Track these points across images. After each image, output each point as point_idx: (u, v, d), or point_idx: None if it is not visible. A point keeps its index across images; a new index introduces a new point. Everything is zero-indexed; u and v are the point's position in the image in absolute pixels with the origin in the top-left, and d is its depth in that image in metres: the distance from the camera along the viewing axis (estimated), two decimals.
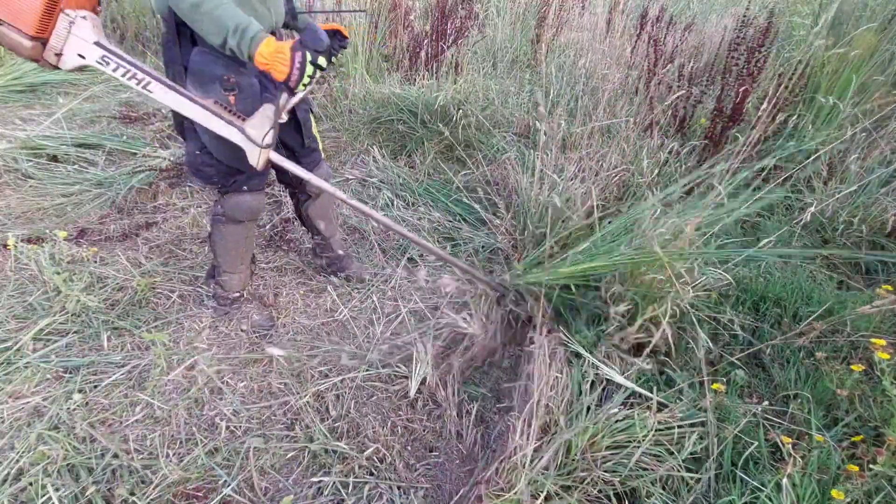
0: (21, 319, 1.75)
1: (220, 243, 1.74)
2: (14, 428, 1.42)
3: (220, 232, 1.71)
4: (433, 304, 2.01)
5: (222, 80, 1.41)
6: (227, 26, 1.23)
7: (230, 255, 1.77)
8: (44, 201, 2.40)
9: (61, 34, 1.26)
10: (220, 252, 1.76)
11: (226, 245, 1.74)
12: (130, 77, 1.31)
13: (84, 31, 1.27)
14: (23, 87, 3.56)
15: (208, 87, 1.41)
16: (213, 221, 1.71)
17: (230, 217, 1.67)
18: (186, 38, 1.37)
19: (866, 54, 2.59)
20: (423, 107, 3.05)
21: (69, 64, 1.30)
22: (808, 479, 1.21)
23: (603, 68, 3.24)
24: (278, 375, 1.67)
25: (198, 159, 1.55)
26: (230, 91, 1.43)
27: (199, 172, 1.58)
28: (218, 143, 1.46)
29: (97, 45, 1.29)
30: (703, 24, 4.39)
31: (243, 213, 1.67)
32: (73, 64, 1.30)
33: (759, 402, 1.46)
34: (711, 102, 2.72)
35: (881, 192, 2.25)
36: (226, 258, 1.77)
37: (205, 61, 1.39)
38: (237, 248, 1.76)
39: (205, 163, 1.55)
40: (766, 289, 1.86)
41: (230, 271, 1.80)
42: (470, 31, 3.62)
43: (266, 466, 1.40)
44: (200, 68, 1.39)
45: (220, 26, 1.23)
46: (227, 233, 1.71)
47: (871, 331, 1.66)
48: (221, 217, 1.68)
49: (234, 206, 1.65)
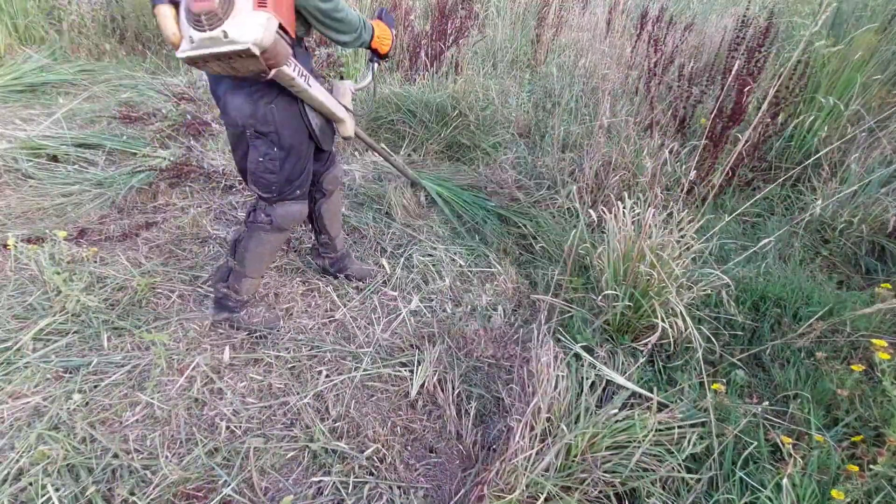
0: (21, 319, 1.75)
1: (256, 250, 1.71)
2: (14, 428, 1.42)
3: (261, 239, 1.69)
4: (432, 306, 2.01)
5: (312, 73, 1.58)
6: (359, 24, 1.54)
7: (262, 261, 1.75)
8: (44, 201, 2.40)
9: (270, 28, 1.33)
10: (252, 258, 1.72)
11: (261, 252, 1.72)
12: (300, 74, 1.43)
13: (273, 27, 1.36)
14: (23, 87, 3.56)
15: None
16: (255, 228, 1.68)
17: (277, 226, 1.67)
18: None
19: (867, 54, 2.59)
20: (423, 106, 3.05)
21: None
22: (808, 479, 1.21)
23: (603, 68, 3.24)
24: (278, 376, 1.67)
25: (260, 167, 1.57)
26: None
27: (261, 180, 1.60)
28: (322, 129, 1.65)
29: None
30: (703, 24, 4.39)
31: (291, 221, 1.69)
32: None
33: (759, 402, 1.46)
34: (711, 102, 2.72)
35: (881, 191, 2.25)
36: (256, 264, 1.75)
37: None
38: (272, 255, 1.77)
39: (267, 170, 1.57)
40: (766, 289, 1.86)
41: (253, 276, 1.77)
42: (470, 31, 3.63)
43: (266, 466, 1.40)
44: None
45: (354, 26, 1.53)
46: (267, 240, 1.70)
47: (871, 331, 1.66)
48: (267, 225, 1.67)
49: (285, 215, 1.66)
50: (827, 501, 1.17)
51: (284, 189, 1.63)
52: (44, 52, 3.98)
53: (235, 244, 1.75)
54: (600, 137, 2.45)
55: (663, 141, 2.48)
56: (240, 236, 1.74)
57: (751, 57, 2.41)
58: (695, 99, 2.65)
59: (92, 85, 3.68)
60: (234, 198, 2.53)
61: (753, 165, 2.63)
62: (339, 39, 1.53)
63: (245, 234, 1.71)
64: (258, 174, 1.59)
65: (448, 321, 1.92)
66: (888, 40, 2.67)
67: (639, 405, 1.46)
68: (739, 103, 2.38)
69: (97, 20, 4.24)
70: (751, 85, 2.35)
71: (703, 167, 2.50)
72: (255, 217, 1.68)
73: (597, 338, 1.72)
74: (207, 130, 2.99)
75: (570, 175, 2.56)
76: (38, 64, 3.79)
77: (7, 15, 3.98)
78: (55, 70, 3.80)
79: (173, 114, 3.12)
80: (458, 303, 2.04)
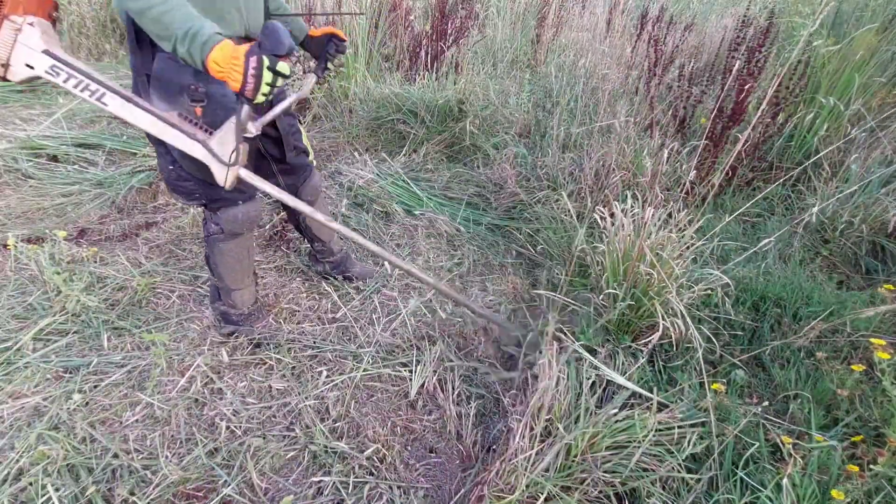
0: (21, 319, 1.75)
1: (223, 262, 1.60)
2: (14, 428, 1.42)
3: (220, 250, 1.57)
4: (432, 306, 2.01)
5: (189, 90, 1.27)
6: (176, 32, 1.09)
7: (235, 271, 1.63)
8: (44, 201, 2.40)
9: (7, 42, 1.15)
10: (224, 272, 1.62)
11: (228, 262, 1.60)
12: (83, 88, 1.20)
13: (31, 39, 1.16)
14: (23, 87, 3.56)
15: (174, 98, 1.28)
16: (211, 241, 1.55)
17: (229, 232, 1.53)
18: (147, 42, 1.22)
19: (867, 54, 2.59)
20: (424, 107, 3.05)
21: (18, 75, 1.18)
22: (808, 479, 1.20)
23: (603, 68, 3.24)
24: (279, 376, 1.67)
25: (172, 174, 1.41)
26: (198, 102, 1.30)
27: (179, 188, 1.43)
28: (188, 158, 1.32)
29: (46, 54, 1.17)
30: (703, 24, 4.39)
31: (242, 224, 1.53)
32: (22, 75, 1.18)
33: (759, 403, 1.46)
34: (711, 102, 2.72)
35: (882, 192, 2.25)
36: (231, 276, 1.63)
37: (170, 69, 1.25)
38: (241, 262, 1.62)
39: (181, 177, 1.41)
40: (766, 289, 1.86)
41: (238, 287, 1.67)
42: (470, 31, 3.62)
43: (266, 466, 1.40)
44: (165, 77, 1.26)
45: (170, 31, 1.10)
46: (227, 250, 1.57)
47: (871, 331, 1.65)
48: (218, 235, 1.53)
49: (231, 220, 1.51)
50: (827, 501, 1.17)
51: (213, 194, 1.45)
52: None
53: (207, 262, 1.66)
54: (600, 137, 2.45)
55: (663, 141, 2.48)
56: (206, 253, 1.65)
57: (751, 57, 2.41)
58: (695, 99, 2.65)
59: None
60: None
61: (753, 165, 2.63)
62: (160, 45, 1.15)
63: (207, 249, 1.62)
64: (174, 182, 1.43)
65: (448, 321, 1.92)
66: (888, 40, 2.67)
67: (639, 405, 1.46)
68: (739, 103, 2.38)
69: (97, 20, 4.24)
70: (751, 85, 2.35)
71: (703, 167, 2.50)
72: (207, 229, 1.56)
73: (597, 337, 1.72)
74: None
75: (570, 175, 2.56)
76: None
77: None
78: None
79: None
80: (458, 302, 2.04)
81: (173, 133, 1.26)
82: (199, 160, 1.30)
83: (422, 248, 2.30)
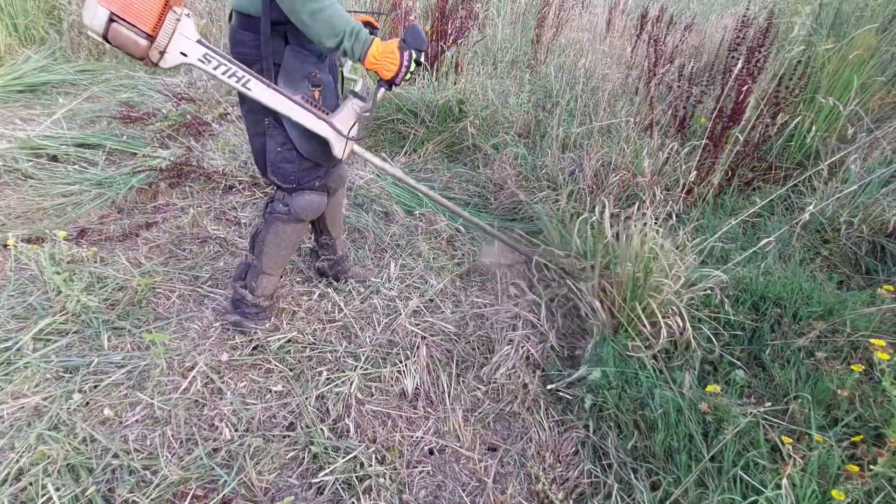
0: (21, 319, 1.75)
1: (274, 242, 1.69)
2: (14, 428, 1.42)
3: (278, 230, 1.67)
4: (432, 305, 2.01)
5: (310, 77, 1.47)
6: (344, 30, 1.32)
7: (280, 254, 1.72)
8: (44, 201, 2.40)
9: (168, 31, 1.25)
10: (269, 251, 1.70)
11: (279, 244, 1.70)
12: (231, 75, 1.33)
13: (189, 29, 1.27)
14: (23, 87, 3.56)
15: (298, 84, 1.45)
16: (272, 219, 1.66)
17: (295, 216, 1.64)
18: (280, 37, 1.40)
19: (866, 55, 2.59)
20: (424, 107, 3.05)
21: (170, 62, 1.29)
22: (808, 479, 1.20)
23: (603, 68, 3.24)
24: (279, 376, 1.67)
25: (279, 156, 1.55)
26: (316, 87, 1.49)
27: (280, 170, 1.57)
28: (305, 137, 1.51)
29: (200, 44, 1.29)
30: (704, 24, 4.39)
31: (311, 211, 1.66)
32: (174, 61, 1.29)
33: (759, 403, 1.46)
34: (711, 102, 2.72)
35: (881, 192, 2.25)
36: (273, 258, 1.72)
37: (296, 59, 1.43)
38: (289, 248, 1.73)
39: (286, 159, 1.55)
40: (766, 289, 1.86)
41: (271, 273, 1.75)
42: (470, 31, 3.62)
43: (266, 466, 1.40)
44: (292, 66, 1.44)
45: (337, 30, 1.31)
46: (284, 231, 1.68)
47: (871, 331, 1.65)
48: (284, 215, 1.65)
49: (305, 205, 1.63)
50: (827, 502, 1.17)
51: (304, 179, 1.60)
52: (44, 52, 3.98)
53: (254, 238, 1.74)
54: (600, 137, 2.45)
55: (663, 141, 2.48)
56: (258, 229, 1.73)
57: (751, 57, 2.40)
58: (695, 99, 2.65)
59: (92, 85, 3.68)
60: (234, 198, 2.53)
61: (753, 165, 2.63)
62: (313, 39, 1.36)
63: (263, 226, 1.70)
64: (277, 164, 1.57)
65: (448, 321, 1.92)
66: (888, 40, 2.67)
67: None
68: (739, 103, 2.38)
69: None
70: (750, 85, 2.35)
71: (703, 167, 2.50)
72: (272, 207, 1.66)
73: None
74: (207, 130, 3.00)
75: (570, 175, 2.56)
76: (38, 64, 3.79)
77: (7, 15, 3.98)
78: (55, 70, 3.80)
79: (173, 114, 3.12)
80: (458, 302, 2.04)
81: (304, 113, 1.44)
82: (317, 140, 1.50)
83: (422, 249, 2.30)
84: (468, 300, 2.05)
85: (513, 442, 1.55)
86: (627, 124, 2.53)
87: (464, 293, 2.09)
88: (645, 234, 1.68)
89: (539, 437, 1.54)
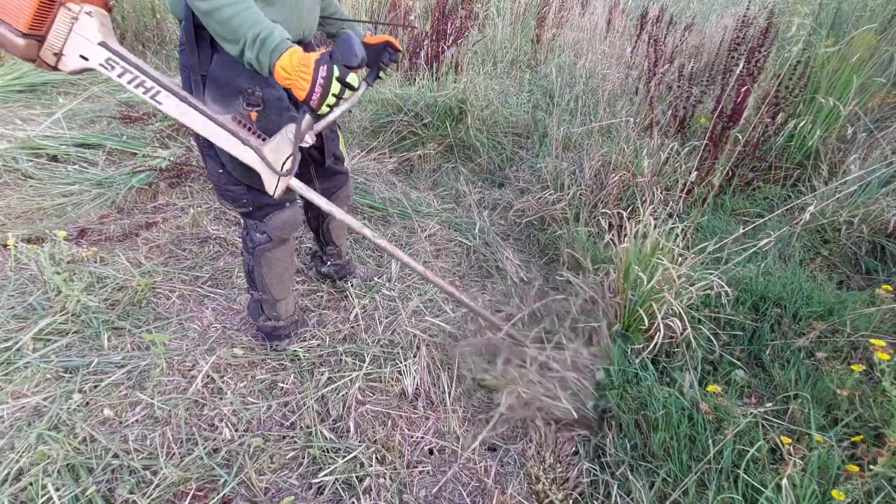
0: (21, 319, 1.75)
1: (270, 273, 1.55)
2: (14, 428, 1.42)
3: (268, 260, 1.52)
4: (433, 305, 2.01)
5: (246, 94, 1.24)
6: (245, 35, 1.06)
7: (283, 279, 1.59)
8: (44, 201, 2.40)
9: (62, 31, 1.09)
10: (271, 283, 1.57)
11: (276, 272, 1.56)
12: (138, 85, 1.15)
13: (88, 30, 1.10)
14: (23, 87, 3.56)
15: (229, 101, 1.24)
16: (256, 253, 1.50)
17: (276, 239, 1.49)
18: (206, 42, 1.20)
19: (866, 55, 2.59)
20: (424, 107, 3.05)
21: (70, 66, 1.13)
22: (808, 479, 1.20)
23: (603, 68, 3.24)
24: (279, 376, 1.67)
25: (221, 178, 1.37)
26: (253, 106, 1.26)
27: (227, 193, 1.39)
28: (238, 163, 1.28)
29: (103, 46, 1.13)
30: (703, 24, 4.39)
31: (289, 228, 1.50)
32: (74, 66, 1.13)
33: (759, 403, 1.46)
34: (711, 102, 2.72)
35: (881, 192, 2.25)
36: (279, 286, 1.59)
37: (227, 71, 1.21)
38: (287, 269, 1.60)
39: (231, 181, 1.37)
40: (766, 289, 1.86)
41: (283, 297, 1.64)
42: (470, 31, 3.62)
43: (266, 466, 1.40)
44: (222, 78, 1.22)
45: (238, 35, 1.06)
46: (275, 258, 1.52)
47: (871, 331, 1.65)
48: (266, 244, 1.49)
49: (280, 225, 1.46)
50: (827, 502, 1.17)
51: (259, 199, 1.41)
52: None
53: (250, 276, 1.60)
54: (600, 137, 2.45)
55: (663, 141, 2.48)
56: (249, 266, 1.58)
57: (751, 57, 2.41)
58: (695, 99, 2.65)
59: (92, 85, 3.68)
60: None
61: (753, 165, 2.63)
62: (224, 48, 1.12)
63: (252, 261, 1.55)
64: (222, 188, 1.39)
65: (448, 321, 1.92)
66: (888, 41, 2.67)
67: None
68: (739, 103, 2.38)
69: None
70: (750, 85, 2.35)
71: (703, 167, 2.50)
72: (252, 240, 1.50)
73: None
74: None
75: (570, 175, 2.56)
76: None
77: None
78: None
79: None
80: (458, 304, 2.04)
81: (226, 137, 1.21)
82: (248, 166, 1.26)
83: (421, 250, 2.30)
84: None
85: (513, 442, 1.55)
86: (627, 124, 2.53)
87: (464, 293, 2.09)
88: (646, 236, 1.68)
89: (539, 437, 1.54)
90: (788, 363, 1.65)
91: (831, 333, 1.69)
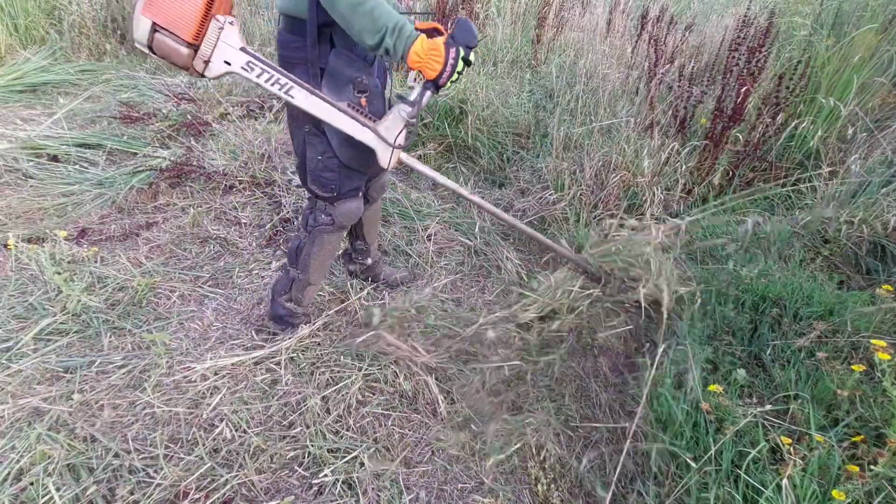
0: (21, 319, 1.75)
1: (319, 254, 1.67)
2: (14, 428, 1.42)
3: (323, 242, 1.65)
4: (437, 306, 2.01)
5: (355, 83, 1.40)
6: (386, 25, 1.22)
7: (325, 264, 1.71)
8: (44, 201, 2.40)
9: (211, 40, 1.23)
10: (314, 263, 1.68)
11: (323, 254, 1.68)
12: (274, 83, 1.29)
13: (232, 37, 1.24)
14: (23, 87, 3.56)
15: (342, 90, 1.39)
16: (317, 232, 1.63)
17: (339, 224, 1.62)
18: (326, 39, 1.35)
19: (867, 55, 2.59)
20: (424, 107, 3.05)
21: (215, 71, 1.26)
22: (808, 479, 1.20)
23: (603, 68, 3.24)
24: (279, 375, 1.67)
25: (319, 165, 1.50)
26: (362, 93, 1.42)
27: (320, 179, 1.53)
28: (346, 145, 1.45)
29: (243, 51, 1.26)
30: (704, 24, 4.38)
31: (352, 217, 1.63)
32: (218, 71, 1.27)
33: (760, 403, 1.46)
34: (711, 102, 2.72)
35: (882, 192, 2.25)
36: (319, 269, 1.71)
37: (341, 63, 1.37)
38: (332, 255, 1.73)
39: (326, 168, 1.51)
40: (766, 289, 1.86)
41: (315, 283, 1.74)
42: None
43: (266, 466, 1.40)
44: (337, 70, 1.38)
45: (379, 25, 1.22)
46: (329, 241, 1.66)
47: (872, 331, 1.65)
48: (328, 226, 1.62)
49: (346, 212, 1.61)
50: (827, 502, 1.17)
51: (344, 187, 1.56)
52: (44, 52, 3.98)
53: (296, 253, 1.69)
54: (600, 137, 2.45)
55: (663, 141, 2.48)
56: (300, 243, 1.68)
57: (751, 57, 2.40)
58: (695, 99, 2.65)
59: (92, 85, 3.68)
60: (234, 198, 2.53)
61: (754, 165, 2.63)
62: (353, 37, 1.27)
63: (307, 239, 1.66)
64: (317, 173, 1.53)
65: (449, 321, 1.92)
66: (888, 41, 2.66)
67: None
68: (739, 103, 2.38)
69: (97, 20, 4.24)
70: (751, 85, 2.35)
71: (703, 167, 2.50)
72: (315, 219, 1.62)
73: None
74: (208, 130, 3.00)
75: (570, 175, 2.56)
76: (38, 64, 3.79)
77: (7, 15, 3.98)
78: (56, 70, 3.80)
79: (174, 114, 3.12)
80: (459, 302, 2.04)
81: (348, 121, 1.37)
82: (358, 148, 1.43)
83: (422, 250, 2.30)
84: (469, 300, 2.05)
85: (513, 443, 1.55)
86: (628, 124, 2.52)
87: (465, 293, 2.09)
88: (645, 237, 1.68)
89: (539, 437, 1.54)
90: (789, 363, 1.65)
91: (832, 333, 1.69)
